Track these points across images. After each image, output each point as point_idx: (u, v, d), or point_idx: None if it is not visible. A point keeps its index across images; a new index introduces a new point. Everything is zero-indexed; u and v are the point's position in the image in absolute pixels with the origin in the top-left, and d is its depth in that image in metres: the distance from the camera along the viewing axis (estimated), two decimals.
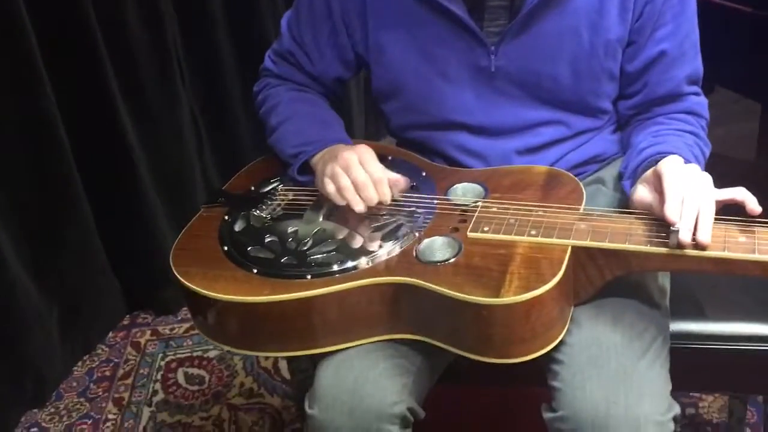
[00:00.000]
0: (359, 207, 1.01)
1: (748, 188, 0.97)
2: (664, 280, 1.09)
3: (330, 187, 1.02)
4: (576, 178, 1.07)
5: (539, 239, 0.95)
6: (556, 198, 1.03)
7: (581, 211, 1.00)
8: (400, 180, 1.05)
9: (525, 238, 0.96)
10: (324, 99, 1.24)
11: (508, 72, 1.10)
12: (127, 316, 2.03)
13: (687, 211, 0.87)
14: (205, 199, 1.14)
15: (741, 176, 1.13)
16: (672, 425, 0.91)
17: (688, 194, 0.89)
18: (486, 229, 0.98)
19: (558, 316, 0.93)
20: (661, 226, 0.92)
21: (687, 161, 0.98)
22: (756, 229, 0.90)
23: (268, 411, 1.69)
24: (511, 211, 1.00)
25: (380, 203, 1.03)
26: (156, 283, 1.96)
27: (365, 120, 2.33)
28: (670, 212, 0.87)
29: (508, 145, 1.14)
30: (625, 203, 1.14)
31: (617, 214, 0.97)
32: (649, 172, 0.96)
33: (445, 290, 0.90)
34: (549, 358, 0.97)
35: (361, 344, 0.98)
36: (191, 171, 2.02)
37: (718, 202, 0.90)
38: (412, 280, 0.93)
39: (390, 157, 1.17)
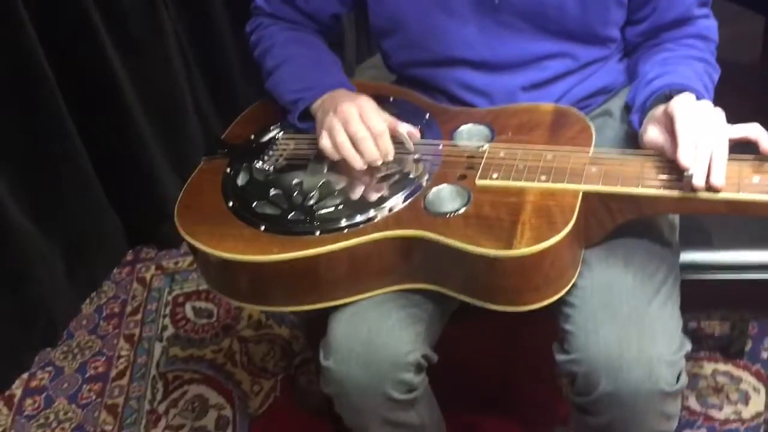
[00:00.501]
0: (358, 164, 0.98)
1: (751, 94, 0.94)
2: (674, 215, 1.09)
3: (326, 142, 0.99)
4: (585, 117, 1.04)
5: (549, 185, 0.94)
6: (565, 139, 1.01)
7: (591, 153, 0.98)
8: (414, 132, 1.02)
9: (535, 185, 0.94)
10: (320, 37, 1.20)
11: (513, 4, 1.06)
12: (130, 251, 2.03)
13: (700, 155, 0.85)
14: (205, 150, 1.12)
15: (743, 81, 1.10)
16: (683, 362, 0.93)
17: (701, 136, 0.86)
18: (495, 176, 0.97)
19: (571, 262, 0.93)
20: (673, 169, 0.90)
21: (698, 94, 0.95)
22: None
23: (278, 342, 1.72)
24: (520, 156, 0.98)
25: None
26: (156, 217, 1.95)
27: (357, 43, 2.26)
28: (683, 157, 0.85)
29: (513, 81, 1.11)
30: (633, 136, 1.12)
31: (628, 156, 0.95)
32: (660, 111, 0.93)
33: (457, 243, 0.89)
34: (560, 300, 0.96)
35: (373, 295, 0.99)
36: (182, 100, 1.97)
37: (730, 141, 0.88)
38: (423, 233, 0.92)
39: (391, 98, 1.14)
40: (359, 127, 0.98)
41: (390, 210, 0.96)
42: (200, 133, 2.02)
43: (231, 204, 1.01)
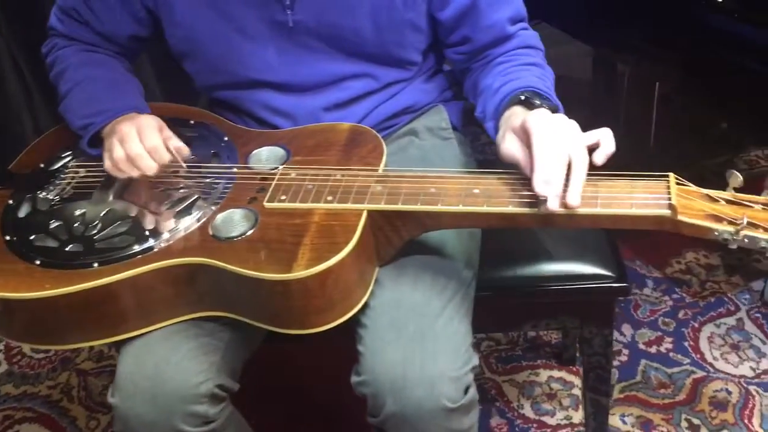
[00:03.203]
0: (134, 173, 0.97)
1: (585, 105, 0.94)
2: (476, 231, 1.09)
3: (107, 162, 0.98)
4: (378, 135, 1.05)
5: (335, 205, 0.93)
6: (358, 158, 1.01)
7: (380, 171, 0.98)
8: (182, 147, 1.00)
9: (321, 205, 0.93)
10: (119, 59, 1.16)
11: (308, 27, 1.05)
12: None
13: (557, 178, 0.82)
14: None
15: (577, 94, 1.13)
16: (470, 377, 0.93)
17: (557, 156, 0.82)
18: (283, 197, 0.95)
19: (358, 281, 0.93)
20: (460, 183, 0.92)
21: (546, 94, 0.95)
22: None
23: None
24: (310, 177, 0.98)
25: (172, 171, 0.99)
26: None
27: None
28: (538, 186, 0.82)
29: (315, 102, 1.11)
30: (437, 153, 1.13)
31: (415, 174, 0.96)
32: (517, 122, 0.89)
33: (237, 269, 0.87)
34: (356, 321, 0.96)
35: (164, 326, 0.95)
36: (19, 122, 1.88)
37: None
38: (204, 260, 0.89)
39: (192, 121, 1.12)
40: (134, 144, 0.96)
41: (174, 237, 0.93)
42: None
43: (8, 238, 0.96)
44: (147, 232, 0.94)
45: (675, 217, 0.82)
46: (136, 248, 0.92)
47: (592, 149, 0.86)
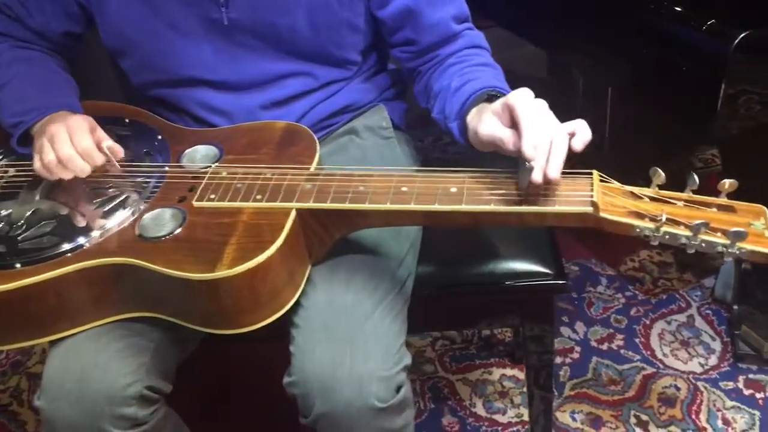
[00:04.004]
0: (66, 176, 0.96)
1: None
2: (414, 230, 1.09)
3: (37, 164, 0.96)
4: (312, 134, 1.04)
5: (263, 204, 0.92)
6: (290, 156, 1.00)
7: (311, 169, 0.98)
8: (116, 149, 0.99)
9: (250, 204, 0.92)
10: (53, 57, 1.14)
11: (244, 25, 1.05)
12: None
13: (544, 145, 0.81)
14: None
15: (534, 92, 1.13)
16: (401, 376, 0.93)
17: (545, 127, 0.82)
18: (213, 196, 0.94)
19: (287, 281, 0.92)
20: (390, 181, 0.91)
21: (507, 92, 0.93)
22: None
23: None
24: (240, 175, 0.97)
25: (105, 170, 0.98)
26: None
27: None
28: (528, 149, 0.81)
29: (253, 101, 1.10)
30: (377, 152, 1.13)
31: (345, 173, 0.95)
32: (498, 105, 0.87)
33: (160, 269, 0.86)
34: (289, 322, 0.96)
35: (92, 327, 0.94)
36: None
37: None
38: (128, 259, 0.88)
39: (127, 120, 1.10)
40: (65, 145, 0.95)
41: (100, 237, 0.92)
42: None
43: None
44: (73, 232, 0.93)
45: (597, 214, 0.82)
46: (63, 248, 0.91)
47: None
